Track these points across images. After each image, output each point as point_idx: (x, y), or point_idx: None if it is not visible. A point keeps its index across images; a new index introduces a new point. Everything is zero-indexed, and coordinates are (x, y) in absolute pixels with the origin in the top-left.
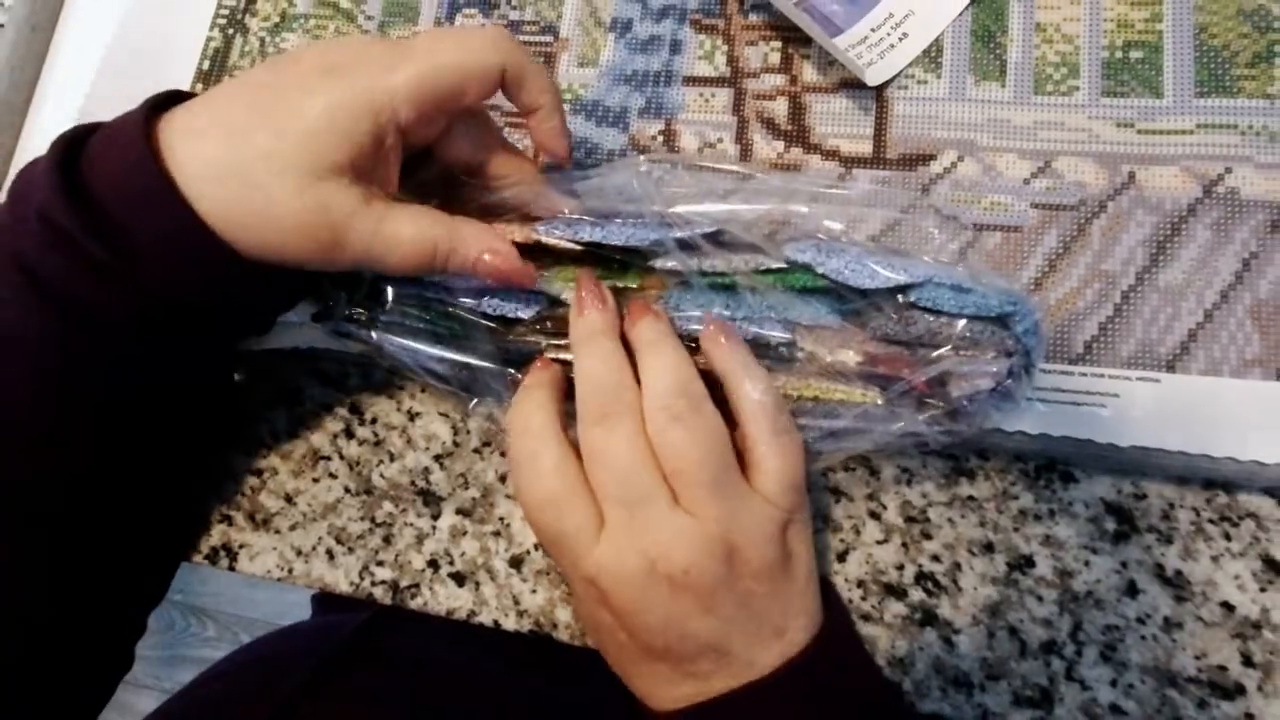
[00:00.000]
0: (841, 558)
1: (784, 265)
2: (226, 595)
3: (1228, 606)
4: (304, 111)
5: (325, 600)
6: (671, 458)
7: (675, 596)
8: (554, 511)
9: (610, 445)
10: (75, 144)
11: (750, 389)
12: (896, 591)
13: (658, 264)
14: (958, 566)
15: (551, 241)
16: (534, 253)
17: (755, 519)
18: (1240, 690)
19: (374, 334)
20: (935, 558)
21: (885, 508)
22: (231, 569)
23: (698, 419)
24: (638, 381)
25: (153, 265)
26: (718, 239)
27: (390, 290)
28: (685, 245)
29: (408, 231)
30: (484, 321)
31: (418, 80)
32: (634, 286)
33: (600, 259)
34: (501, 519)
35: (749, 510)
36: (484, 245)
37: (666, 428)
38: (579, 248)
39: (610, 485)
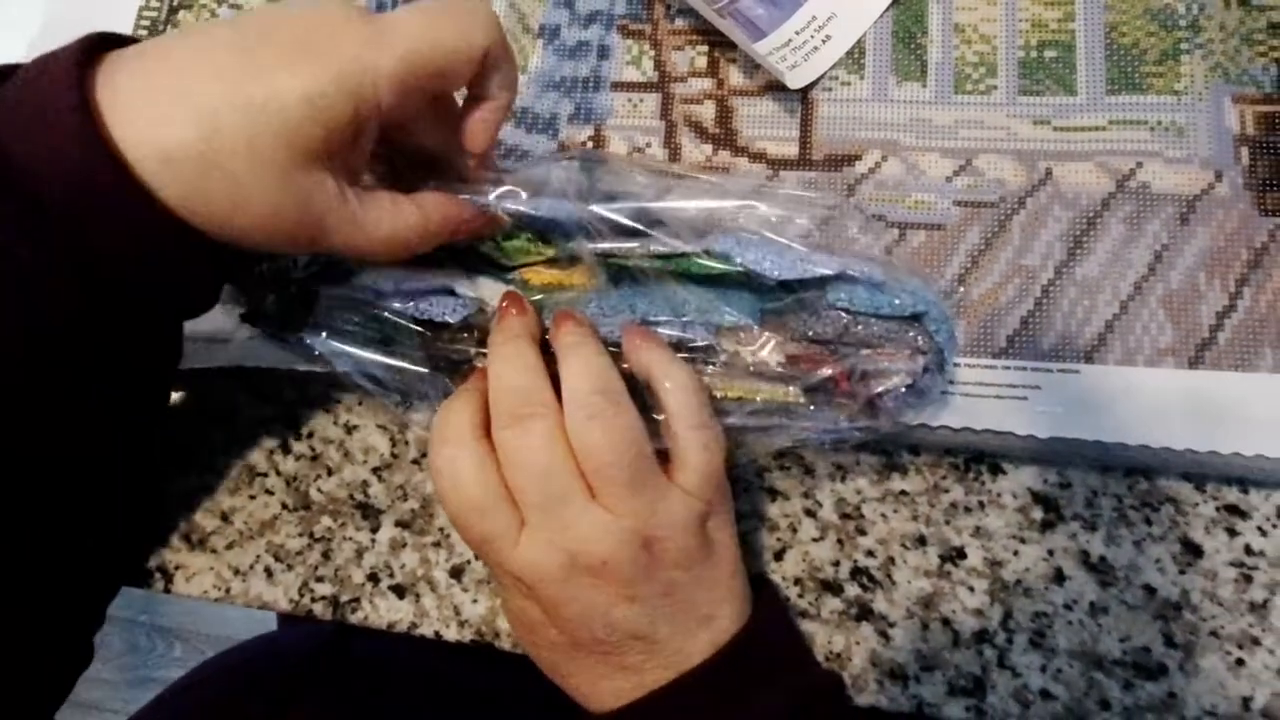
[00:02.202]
0: (779, 556)
1: (701, 251)
2: (193, 614)
3: (1149, 589)
4: (281, 94)
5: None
6: (588, 456)
7: (598, 587)
8: (475, 516)
9: (524, 446)
10: None
11: (669, 385)
12: (833, 588)
13: (575, 245)
14: (892, 561)
15: (480, 203)
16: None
17: (673, 511)
18: (1163, 670)
19: (304, 336)
20: (870, 553)
21: (821, 505)
22: (167, 591)
23: (615, 416)
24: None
25: (107, 260)
26: (634, 232)
27: (321, 292)
28: (600, 229)
29: (386, 223)
30: (412, 326)
31: (404, 63)
32: (555, 260)
33: (531, 232)
34: (441, 529)
35: (666, 503)
36: (453, 220)
37: (583, 426)
38: (506, 217)
39: (526, 486)
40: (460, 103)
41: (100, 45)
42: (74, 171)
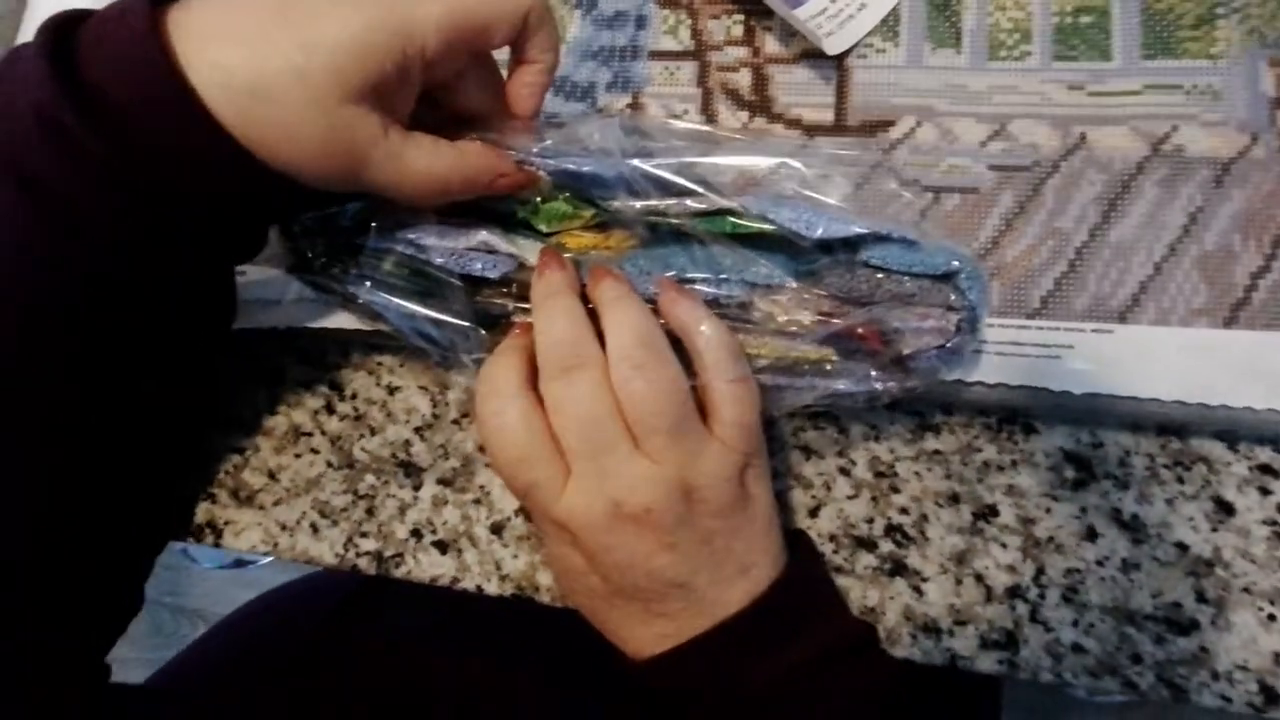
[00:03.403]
0: (814, 513)
1: (738, 208)
2: (215, 595)
3: (1181, 547)
4: (334, 30)
5: None
6: (633, 407)
7: (640, 535)
8: (523, 465)
9: (571, 397)
10: (65, 32)
11: (705, 339)
12: (867, 544)
13: (617, 203)
14: (925, 518)
15: (520, 159)
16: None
17: (713, 462)
18: (1195, 625)
19: (349, 286)
20: (903, 510)
21: (855, 464)
22: (217, 545)
23: (658, 369)
24: (601, 340)
25: (168, 171)
26: (678, 183)
27: (366, 244)
28: (641, 186)
29: (425, 162)
30: (454, 280)
31: (449, 12)
32: (593, 225)
33: (569, 192)
34: (482, 487)
35: (706, 454)
36: (492, 170)
37: (629, 378)
38: (548, 177)
39: (573, 436)
40: (505, 72)
41: None
42: (144, 91)
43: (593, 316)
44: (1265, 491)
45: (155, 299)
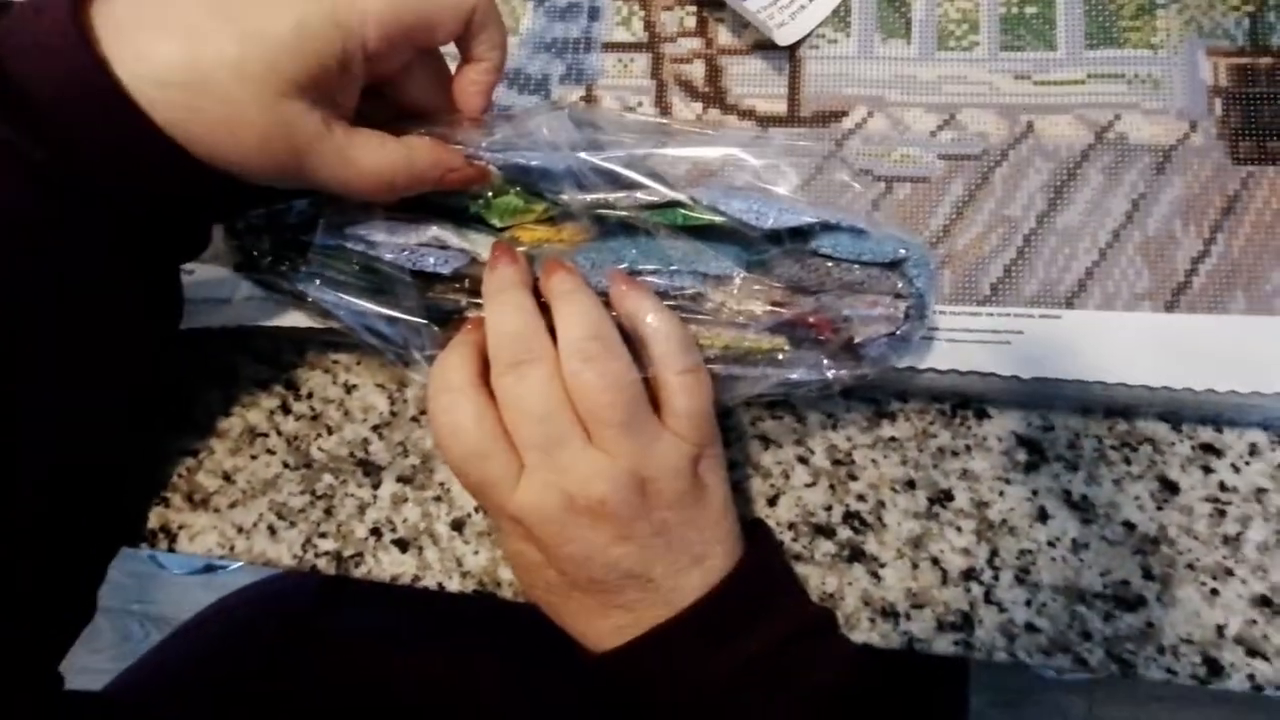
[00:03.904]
0: (772, 502)
1: (688, 200)
2: (188, 601)
3: (1129, 525)
4: (271, 21)
5: None
6: (584, 399)
7: (595, 527)
8: (475, 460)
9: (522, 391)
10: None
11: (654, 330)
12: (825, 531)
13: (566, 196)
14: (882, 504)
15: (469, 154)
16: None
17: (666, 453)
18: (1141, 602)
19: (298, 284)
20: (861, 497)
21: (813, 452)
22: (171, 550)
23: (609, 361)
24: (553, 335)
25: (97, 169)
26: (628, 176)
27: (314, 241)
28: (590, 180)
29: (371, 158)
30: (405, 276)
31: (390, 5)
32: (545, 218)
33: (522, 185)
34: (441, 484)
35: (659, 445)
36: (441, 165)
37: (580, 370)
38: (498, 171)
39: (525, 430)
40: (452, 67)
41: None
42: (69, 88)
43: (545, 311)
44: (1207, 470)
45: (96, 300)
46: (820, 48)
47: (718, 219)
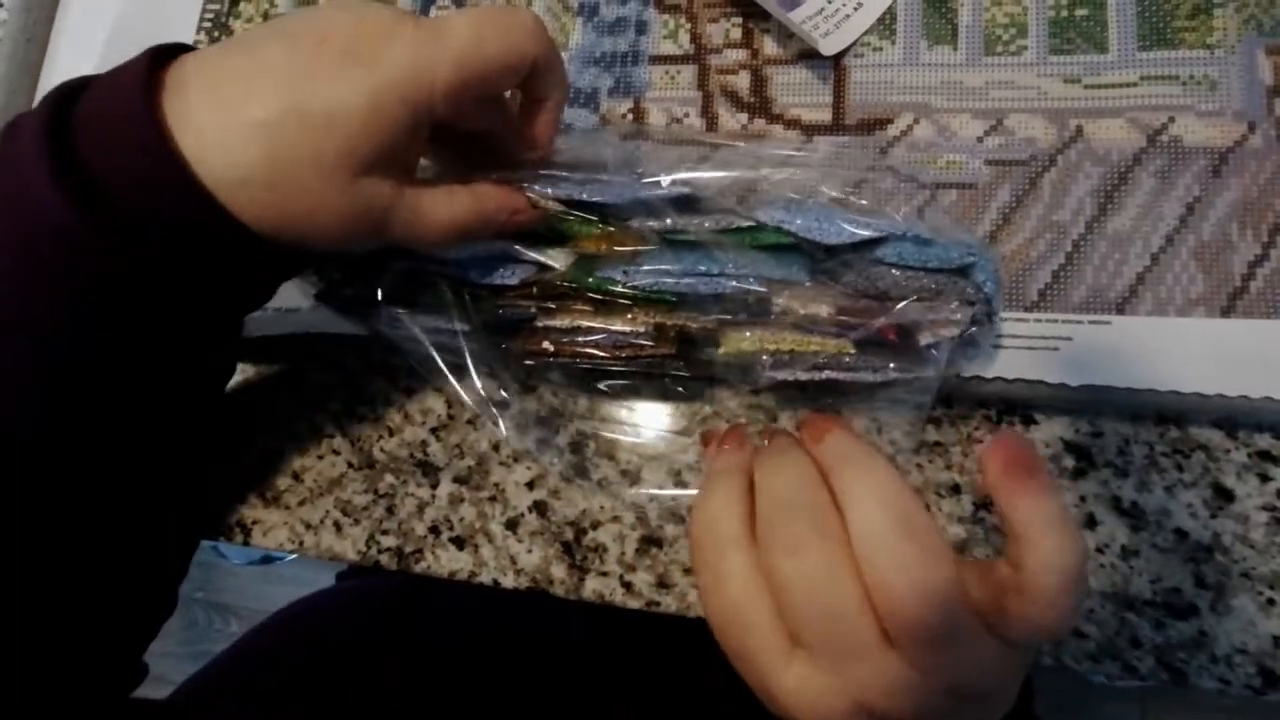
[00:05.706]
0: None
1: (753, 223)
2: (248, 591)
3: (1180, 533)
4: (341, 106)
5: (346, 576)
6: (887, 600)
7: None
8: (738, 628)
9: (805, 582)
10: (64, 107)
11: (1054, 552)
12: None
13: (635, 224)
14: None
15: (533, 197)
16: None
17: (986, 668)
18: (1194, 610)
19: (377, 310)
20: None
21: None
22: (246, 543)
23: (923, 558)
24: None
25: (181, 264)
26: (688, 202)
27: (388, 265)
28: (657, 205)
29: (442, 212)
30: (476, 289)
31: (458, 74)
32: (607, 234)
33: (579, 215)
34: (496, 485)
35: (980, 657)
36: (507, 209)
37: (885, 571)
38: (559, 205)
39: (808, 625)
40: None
41: (165, 55)
42: (155, 196)
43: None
44: (1265, 478)
45: (172, 355)
46: (865, 56)
47: (785, 240)
